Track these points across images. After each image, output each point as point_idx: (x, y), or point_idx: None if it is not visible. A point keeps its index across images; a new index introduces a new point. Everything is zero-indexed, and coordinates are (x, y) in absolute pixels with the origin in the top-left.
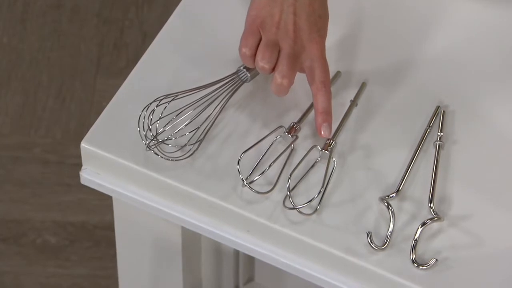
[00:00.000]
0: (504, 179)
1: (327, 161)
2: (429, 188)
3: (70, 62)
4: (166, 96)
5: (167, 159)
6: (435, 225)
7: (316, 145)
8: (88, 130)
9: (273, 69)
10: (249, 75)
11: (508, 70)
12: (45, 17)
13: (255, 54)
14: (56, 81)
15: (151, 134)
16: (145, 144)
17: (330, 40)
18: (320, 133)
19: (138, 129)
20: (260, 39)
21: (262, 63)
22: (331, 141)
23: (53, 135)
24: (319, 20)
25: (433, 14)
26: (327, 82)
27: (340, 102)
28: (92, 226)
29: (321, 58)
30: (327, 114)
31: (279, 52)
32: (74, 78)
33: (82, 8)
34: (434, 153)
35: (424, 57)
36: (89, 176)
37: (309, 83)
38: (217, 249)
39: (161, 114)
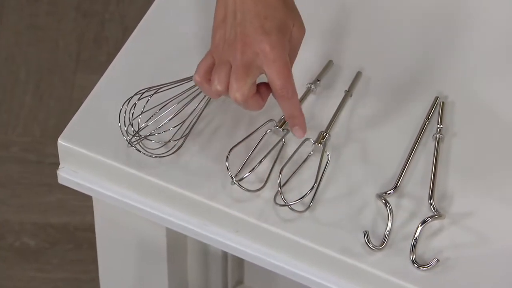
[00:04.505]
0: (507, 173)
1: (320, 154)
2: (429, 184)
3: (48, 57)
4: (149, 89)
5: (150, 156)
6: (436, 223)
7: (309, 138)
8: None
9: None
10: None
11: (510, 59)
12: (22, 11)
13: (207, 79)
14: (34, 77)
15: (132, 129)
16: (127, 140)
17: (324, 28)
18: (294, 135)
19: (119, 124)
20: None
21: (213, 86)
22: (325, 133)
23: (32, 133)
24: (265, 21)
25: (432, 2)
26: (285, 86)
27: (334, 93)
28: (73, 228)
29: (273, 62)
30: (294, 117)
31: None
32: (52, 74)
33: (60, 1)
34: (434, 146)
35: (422, 45)
36: (67, 175)
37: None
38: (204, 251)
39: (143, 108)
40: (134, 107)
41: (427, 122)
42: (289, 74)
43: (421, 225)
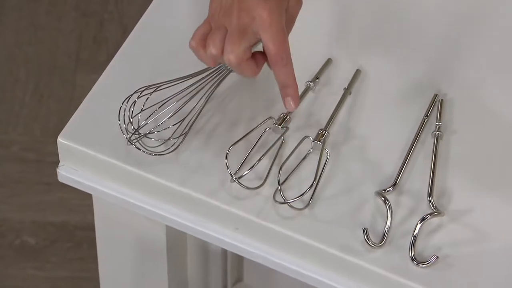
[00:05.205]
0: (506, 170)
1: (319, 152)
2: (428, 181)
3: (48, 57)
4: (148, 87)
5: (150, 154)
6: (435, 220)
7: (308, 136)
8: None
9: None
10: None
11: (508, 55)
12: (22, 10)
13: (203, 44)
14: (34, 77)
15: (132, 127)
16: (126, 138)
17: (322, 25)
18: (286, 107)
19: (119, 122)
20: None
21: (208, 50)
22: (324, 131)
23: (32, 132)
24: None
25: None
26: (280, 52)
27: (333, 91)
28: (73, 226)
29: (269, 26)
30: (287, 87)
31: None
32: (52, 74)
33: (60, 1)
34: (433, 143)
35: (421, 42)
36: (67, 173)
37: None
38: (204, 248)
39: (143, 106)
40: (134, 105)
41: (426, 120)
42: (284, 40)
43: (420, 222)
